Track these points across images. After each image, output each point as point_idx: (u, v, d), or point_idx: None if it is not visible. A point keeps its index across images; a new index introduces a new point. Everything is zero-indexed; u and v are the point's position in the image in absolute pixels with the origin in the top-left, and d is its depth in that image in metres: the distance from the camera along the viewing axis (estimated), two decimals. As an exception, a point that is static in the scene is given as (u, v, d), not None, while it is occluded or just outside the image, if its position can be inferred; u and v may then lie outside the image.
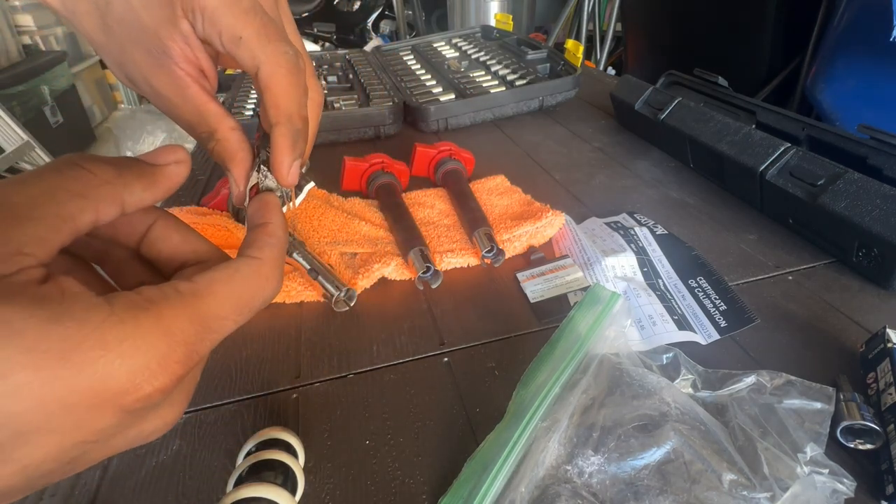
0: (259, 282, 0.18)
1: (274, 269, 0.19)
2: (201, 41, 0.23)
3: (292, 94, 0.23)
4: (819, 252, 0.50)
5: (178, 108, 0.23)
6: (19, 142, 2.23)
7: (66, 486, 0.32)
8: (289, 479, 0.29)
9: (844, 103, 1.07)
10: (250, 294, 0.18)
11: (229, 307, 0.17)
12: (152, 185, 0.18)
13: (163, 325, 0.14)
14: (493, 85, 0.86)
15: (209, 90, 0.23)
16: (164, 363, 0.14)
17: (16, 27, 2.75)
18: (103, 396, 0.13)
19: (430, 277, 0.46)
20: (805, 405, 0.32)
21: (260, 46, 0.22)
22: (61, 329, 0.12)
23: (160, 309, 0.14)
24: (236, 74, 0.96)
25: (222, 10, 0.21)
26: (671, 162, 0.69)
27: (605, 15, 2.41)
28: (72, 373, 0.12)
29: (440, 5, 2.76)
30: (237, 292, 0.17)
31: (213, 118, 0.23)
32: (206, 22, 0.22)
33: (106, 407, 0.13)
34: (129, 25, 0.21)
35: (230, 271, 0.17)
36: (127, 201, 0.17)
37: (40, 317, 0.12)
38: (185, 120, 0.23)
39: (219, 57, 0.24)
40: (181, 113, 0.23)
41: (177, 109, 0.23)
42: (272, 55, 0.22)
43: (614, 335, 0.36)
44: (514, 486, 0.28)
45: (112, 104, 3.76)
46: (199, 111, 0.23)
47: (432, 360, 0.40)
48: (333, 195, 0.59)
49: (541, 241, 0.52)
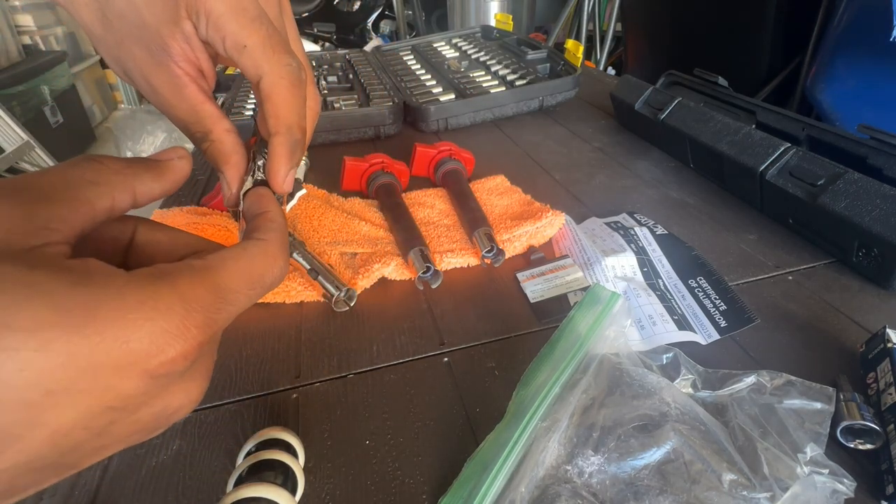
0: (267, 260, 0.19)
1: (279, 248, 0.20)
2: (202, 42, 0.23)
3: (293, 106, 0.23)
4: (819, 252, 0.50)
5: (174, 106, 0.23)
6: (19, 142, 2.23)
7: (65, 487, 0.32)
8: (289, 479, 0.29)
9: (844, 103, 1.07)
10: (260, 270, 0.18)
11: (241, 281, 0.17)
12: (160, 177, 0.19)
13: (178, 291, 0.14)
14: (493, 85, 0.86)
15: (206, 90, 0.24)
16: (182, 326, 0.14)
17: (16, 27, 2.75)
18: (128, 359, 0.13)
19: (430, 277, 0.46)
20: (805, 405, 0.32)
21: (264, 57, 0.22)
22: (85, 290, 0.13)
23: (175, 278, 0.15)
24: (236, 74, 0.96)
25: (228, 16, 0.22)
26: (671, 162, 0.69)
27: (605, 15, 2.41)
28: (96, 331, 0.12)
29: (440, 5, 2.76)
30: (247, 267, 0.18)
31: (209, 119, 0.23)
32: (210, 26, 0.22)
33: (131, 370, 0.13)
34: (130, 21, 0.21)
35: (239, 249, 0.18)
36: (138, 190, 0.18)
37: (66, 280, 0.13)
38: (181, 119, 0.23)
39: (218, 57, 0.25)
40: (177, 112, 0.23)
41: (173, 108, 0.23)
42: (276, 66, 0.22)
43: (614, 335, 0.36)
44: (514, 486, 0.28)
45: (112, 104, 3.76)
46: (195, 111, 0.23)
47: (432, 360, 0.40)
48: (333, 195, 0.59)
49: (541, 240, 0.52)
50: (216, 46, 0.22)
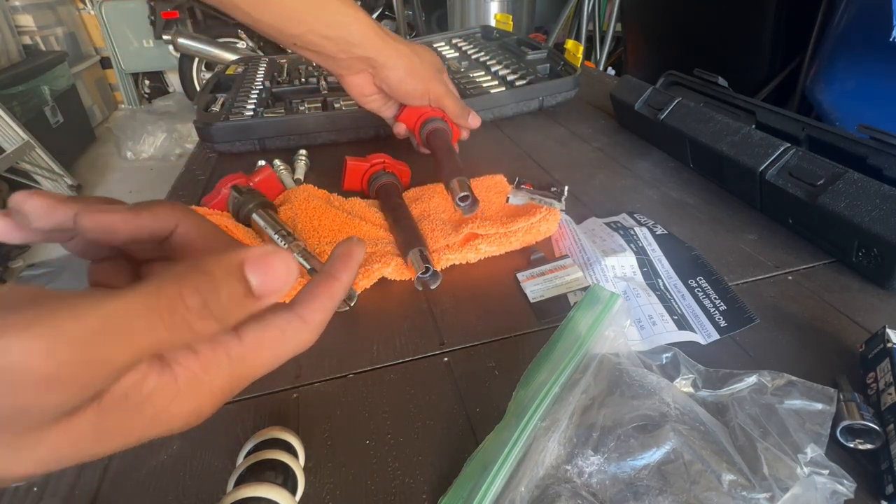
0: (297, 345, 0.19)
1: (314, 334, 0.19)
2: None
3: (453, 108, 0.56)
4: (819, 252, 0.50)
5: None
6: (19, 142, 2.23)
7: (66, 486, 0.32)
8: (289, 479, 0.29)
9: (844, 103, 1.07)
10: (285, 354, 0.19)
11: (264, 367, 0.18)
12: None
13: (207, 384, 0.17)
14: (493, 85, 0.86)
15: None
16: (197, 413, 0.17)
17: (16, 27, 2.75)
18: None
19: (429, 278, 0.46)
20: (806, 406, 0.32)
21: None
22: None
23: (212, 375, 0.17)
24: (236, 75, 0.96)
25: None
26: (671, 162, 0.69)
27: (605, 15, 2.41)
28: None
29: (440, 5, 2.76)
30: (276, 353, 0.18)
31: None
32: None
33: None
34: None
35: (277, 333, 0.18)
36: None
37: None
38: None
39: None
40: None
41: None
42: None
43: (614, 335, 0.36)
44: (514, 485, 0.28)
45: (112, 104, 3.75)
46: None
47: (432, 360, 0.40)
48: (334, 195, 0.59)
49: (537, 237, 0.52)
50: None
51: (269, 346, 0.18)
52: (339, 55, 0.51)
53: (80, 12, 3.38)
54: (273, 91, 0.88)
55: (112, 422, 0.15)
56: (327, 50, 0.50)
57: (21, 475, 0.14)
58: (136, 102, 3.64)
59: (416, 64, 0.54)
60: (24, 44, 2.71)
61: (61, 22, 3.10)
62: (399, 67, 0.53)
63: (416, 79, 0.55)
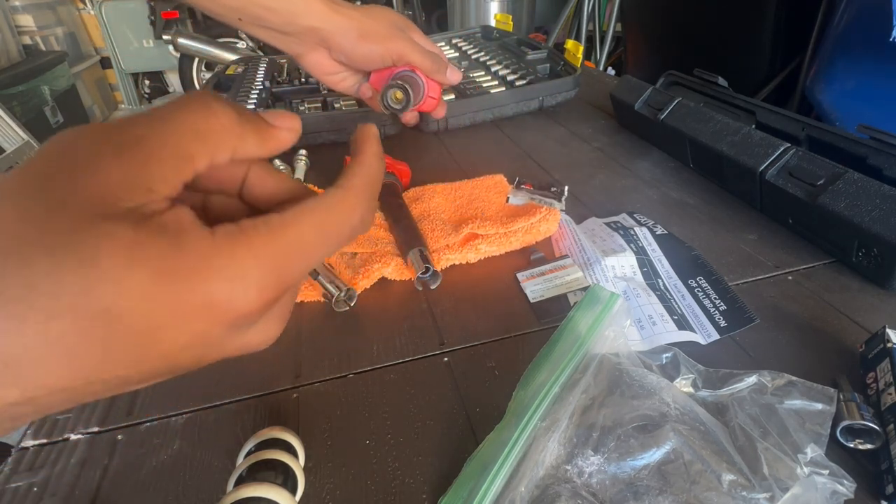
0: (344, 210, 0.19)
1: (359, 197, 0.19)
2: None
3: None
4: (819, 252, 0.50)
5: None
6: (19, 142, 2.23)
7: (66, 486, 0.32)
8: (289, 479, 0.29)
9: (844, 103, 1.07)
10: (335, 222, 0.19)
11: (314, 235, 0.18)
12: (263, 143, 0.19)
13: (254, 252, 0.16)
14: (493, 85, 0.86)
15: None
16: (258, 288, 0.16)
17: (16, 27, 2.75)
18: (210, 312, 0.16)
19: (429, 278, 0.46)
20: (806, 406, 0.32)
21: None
22: (179, 256, 0.15)
23: (251, 239, 0.16)
24: (236, 75, 0.96)
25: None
26: (671, 162, 0.69)
27: (605, 15, 2.41)
28: (188, 289, 0.15)
29: (440, 5, 2.76)
30: (322, 220, 0.18)
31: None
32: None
33: (213, 319, 0.16)
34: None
35: (316, 201, 0.19)
36: (238, 151, 0.18)
37: (164, 245, 0.15)
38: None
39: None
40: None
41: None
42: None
43: (614, 335, 0.36)
44: (514, 485, 0.28)
45: (112, 104, 3.75)
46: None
47: (432, 360, 0.40)
48: (333, 195, 0.59)
49: (537, 237, 0.52)
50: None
51: (308, 212, 0.18)
52: (285, 28, 0.47)
53: (80, 12, 3.38)
54: (273, 91, 0.88)
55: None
56: (272, 23, 0.46)
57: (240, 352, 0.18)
58: (136, 102, 3.65)
59: (369, 25, 0.49)
60: (24, 44, 2.72)
61: (61, 22, 3.11)
62: (349, 31, 0.48)
63: (371, 40, 0.49)
